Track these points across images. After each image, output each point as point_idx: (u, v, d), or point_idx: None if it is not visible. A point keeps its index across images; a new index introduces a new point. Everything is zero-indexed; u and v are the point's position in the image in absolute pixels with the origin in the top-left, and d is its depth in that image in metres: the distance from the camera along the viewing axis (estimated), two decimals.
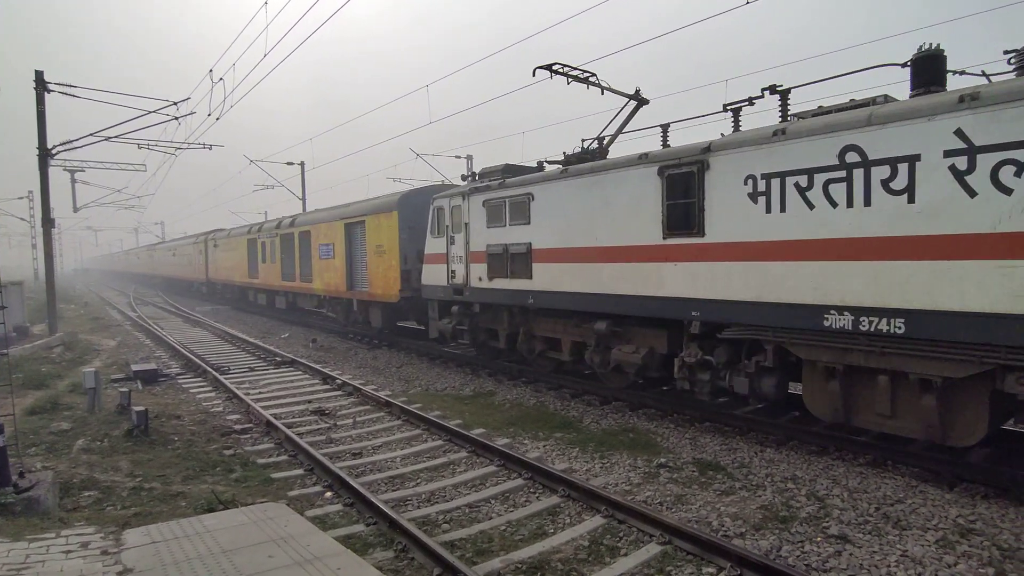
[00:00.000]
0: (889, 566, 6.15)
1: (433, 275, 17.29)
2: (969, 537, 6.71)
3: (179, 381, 16.66)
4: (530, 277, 13.68)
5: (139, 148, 29.25)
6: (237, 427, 11.96)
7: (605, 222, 11.88)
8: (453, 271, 16.19)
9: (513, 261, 14.17)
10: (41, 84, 24.23)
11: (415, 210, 19.61)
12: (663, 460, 9.43)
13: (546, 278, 13.31)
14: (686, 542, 6.66)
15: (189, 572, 5.75)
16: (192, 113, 24.99)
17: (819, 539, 6.79)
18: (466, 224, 15.71)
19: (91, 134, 26.50)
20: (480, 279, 15.25)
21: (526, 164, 16.11)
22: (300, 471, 9.53)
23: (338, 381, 15.54)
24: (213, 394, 15.07)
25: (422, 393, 14.80)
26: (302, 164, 44.58)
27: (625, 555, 6.65)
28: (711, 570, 6.22)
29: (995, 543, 6.57)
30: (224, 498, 8.10)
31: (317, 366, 17.57)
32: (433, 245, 17.26)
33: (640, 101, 14.10)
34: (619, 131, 14.00)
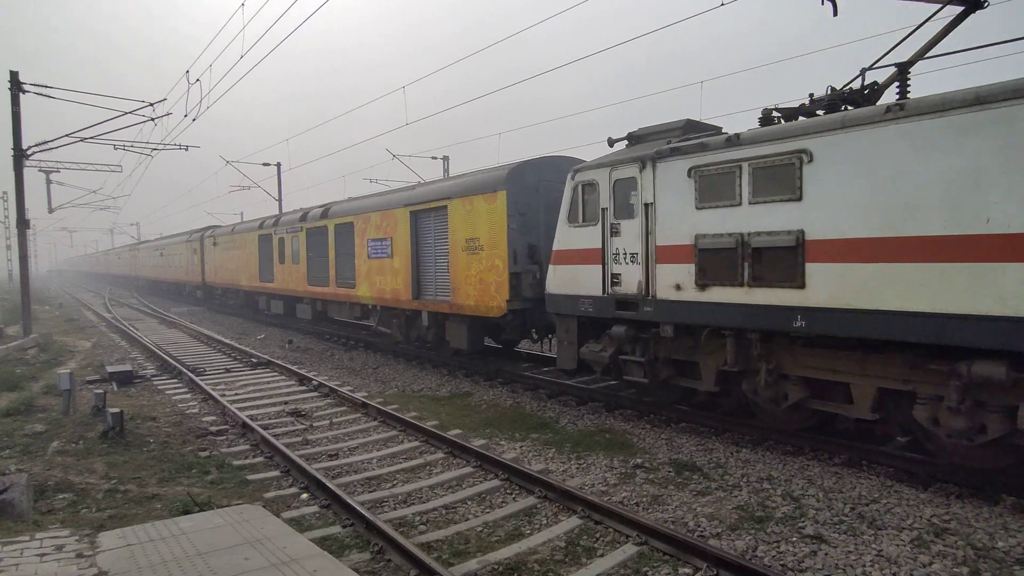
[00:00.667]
0: (864, 566, 6.21)
1: (572, 280, 12.34)
2: (944, 537, 6.79)
3: (154, 383, 16.50)
4: (799, 285, 8.88)
5: (115, 149, 29.00)
6: (213, 429, 11.88)
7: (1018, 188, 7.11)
8: (616, 275, 11.31)
9: (758, 260, 9.36)
10: (16, 85, 23.94)
11: (527, 191, 14.69)
12: (639, 461, 9.46)
13: (839, 286, 8.50)
14: (662, 542, 6.68)
15: (165, 575, 5.70)
16: (168, 114, 24.78)
17: (795, 539, 6.84)
18: (648, 204, 10.85)
19: (67, 135, 26.23)
20: (679, 287, 10.41)
21: (708, 122, 12.07)
22: (276, 473, 9.47)
23: (314, 382, 15.46)
24: (189, 395, 14.94)
25: (399, 394, 14.75)
26: (278, 165, 44.34)
27: (602, 556, 6.66)
28: (687, 570, 6.25)
29: (969, 542, 6.64)
30: (200, 500, 8.04)
31: (293, 367, 17.47)
32: (573, 238, 12.31)
33: (972, 3, 8.91)
34: (921, 55, 9.29)
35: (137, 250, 63.80)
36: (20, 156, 24.87)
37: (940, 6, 9.15)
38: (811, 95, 9.74)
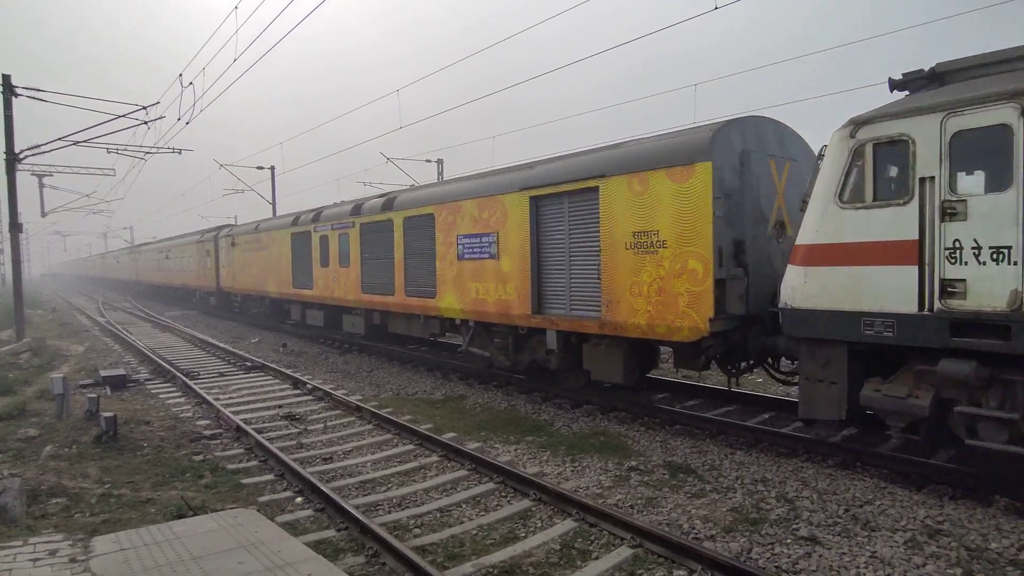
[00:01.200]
0: (858, 567, 6.22)
1: (847, 288, 8.43)
2: (937, 538, 6.81)
3: (148, 387, 16.45)
4: None
5: (108, 152, 28.95)
6: (207, 433, 11.84)
7: None
8: (954, 281, 7.48)
9: None
10: (8, 88, 23.86)
11: (732, 163, 10.48)
12: (634, 463, 9.46)
13: None
14: (657, 545, 6.69)
15: None
16: (162, 117, 24.73)
17: (789, 541, 6.85)
18: None
19: (60, 138, 26.15)
20: None
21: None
22: (271, 476, 9.45)
23: (309, 386, 15.42)
24: (183, 399, 14.90)
25: (393, 397, 14.73)
26: (272, 168, 44.27)
27: (596, 558, 6.66)
28: (682, 573, 6.25)
29: (963, 543, 6.66)
30: (194, 504, 8.03)
31: (288, 371, 17.44)
32: (850, 225, 8.42)
33: None
34: None
35: (138, 252, 59.90)
36: (12, 160, 24.79)
37: None
38: None
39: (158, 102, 24.26)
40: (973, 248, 7.37)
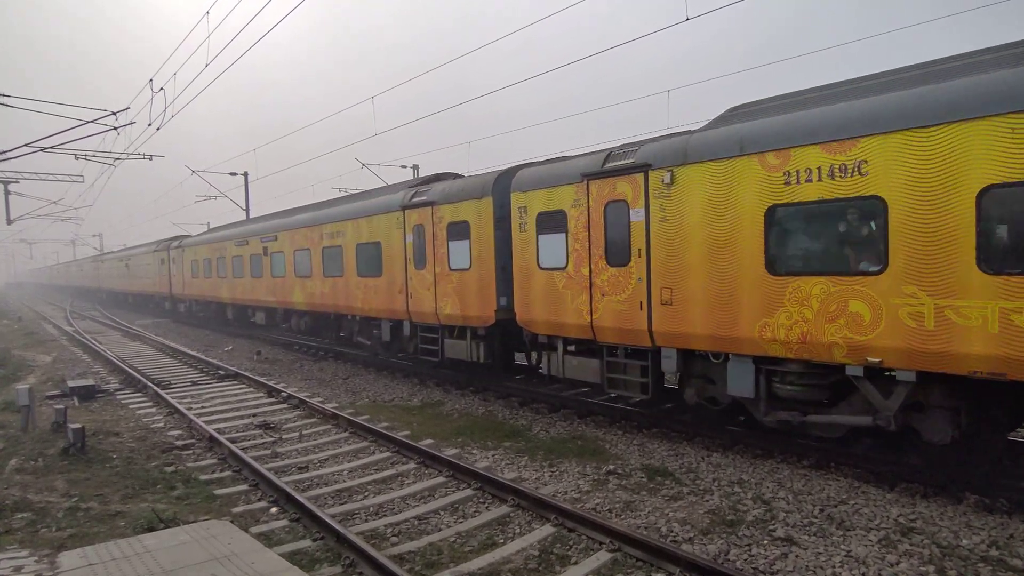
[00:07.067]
0: (834, 567, 6.26)
1: None
2: (910, 536, 6.88)
3: (118, 397, 16.20)
4: None
5: (76, 158, 28.47)
6: (179, 443, 11.67)
7: None
8: None
9: None
10: None
11: None
12: (612, 467, 9.46)
13: None
14: (636, 549, 6.69)
15: None
16: (132, 123, 24.37)
17: (766, 542, 6.88)
18: None
19: (26, 144, 25.68)
20: None
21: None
22: (245, 487, 9.33)
23: (284, 394, 15.28)
24: (154, 410, 14.69)
25: (369, 404, 14.63)
26: (246, 175, 43.83)
27: (575, 563, 6.65)
28: None
29: (935, 541, 6.74)
30: (165, 516, 7.90)
31: (262, 379, 17.26)
32: None
33: None
34: None
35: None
36: None
37: None
38: None
39: (128, 107, 23.93)
40: None
